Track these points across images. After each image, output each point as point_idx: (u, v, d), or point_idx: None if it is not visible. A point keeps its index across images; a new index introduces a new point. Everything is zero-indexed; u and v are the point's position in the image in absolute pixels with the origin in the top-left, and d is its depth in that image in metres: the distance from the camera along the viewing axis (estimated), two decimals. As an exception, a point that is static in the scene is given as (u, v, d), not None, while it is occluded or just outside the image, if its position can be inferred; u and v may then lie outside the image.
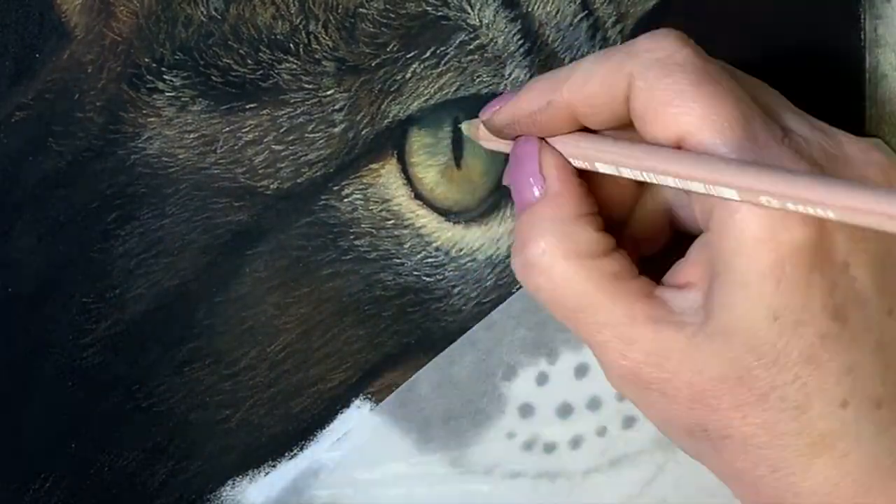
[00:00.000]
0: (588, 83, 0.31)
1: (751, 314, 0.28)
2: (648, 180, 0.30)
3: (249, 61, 0.36)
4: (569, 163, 0.32)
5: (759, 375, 0.28)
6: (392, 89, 0.37)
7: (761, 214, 0.28)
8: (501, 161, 0.37)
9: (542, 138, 0.33)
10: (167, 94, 0.36)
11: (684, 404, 0.30)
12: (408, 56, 0.37)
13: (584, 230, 0.31)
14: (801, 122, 0.30)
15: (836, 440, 0.28)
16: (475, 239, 0.38)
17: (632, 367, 0.30)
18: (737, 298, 0.28)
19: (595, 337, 0.31)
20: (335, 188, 0.37)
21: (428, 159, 0.37)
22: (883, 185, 0.29)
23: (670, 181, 0.29)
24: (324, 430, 0.38)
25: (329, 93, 0.36)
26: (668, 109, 0.29)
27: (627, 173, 0.30)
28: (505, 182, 0.35)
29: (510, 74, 0.37)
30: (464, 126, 0.36)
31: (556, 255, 0.31)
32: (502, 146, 0.35)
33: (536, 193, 0.32)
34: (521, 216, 0.32)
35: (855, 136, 0.30)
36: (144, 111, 0.36)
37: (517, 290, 0.39)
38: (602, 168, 0.31)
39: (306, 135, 0.36)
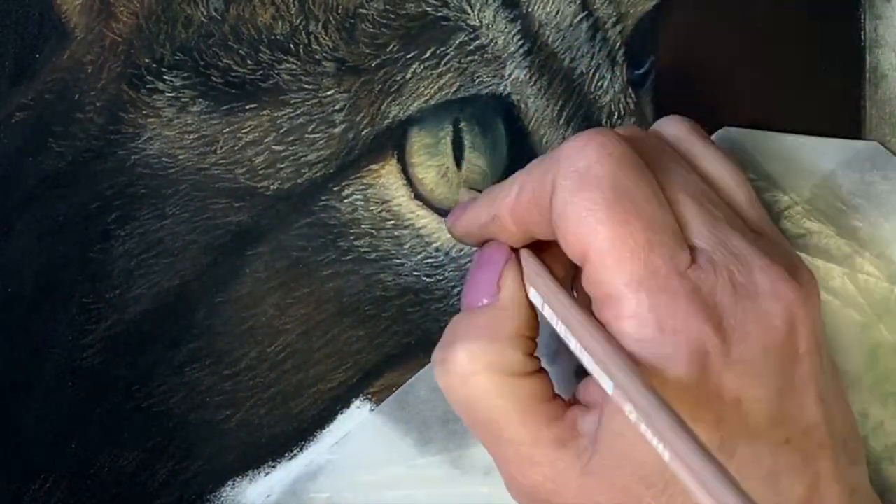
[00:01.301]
0: (521, 195, 0.31)
1: (640, 443, 0.28)
2: (559, 332, 0.30)
3: (249, 62, 0.36)
4: (522, 282, 0.32)
5: (648, 495, 0.29)
6: (392, 90, 0.37)
7: (649, 350, 0.28)
8: (501, 162, 0.37)
9: (513, 249, 0.33)
10: (167, 94, 0.36)
11: None
12: (408, 56, 0.37)
13: (514, 351, 0.31)
14: (717, 242, 0.30)
15: None
16: (475, 239, 0.38)
17: (530, 487, 0.31)
18: (625, 427, 0.28)
19: (498, 451, 0.31)
20: (335, 188, 0.37)
21: (428, 159, 0.37)
22: (783, 325, 0.29)
23: (572, 343, 0.30)
24: (324, 431, 0.38)
25: (329, 93, 0.36)
26: (577, 228, 0.29)
27: (548, 314, 0.31)
28: (454, 229, 0.35)
29: (510, 75, 0.37)
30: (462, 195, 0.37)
31: (477, 367, 0.31)
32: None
33: (485, 301, 0.32)
34: (460, 315, 0.32)
35: (772, 266, 0.30)
36: (144, 111, 0.36)
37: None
38: (532, 297, 0.32)
39: (306, 135, 0.36)
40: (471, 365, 0.31)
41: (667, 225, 0.29)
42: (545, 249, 0.33)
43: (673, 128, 0.33)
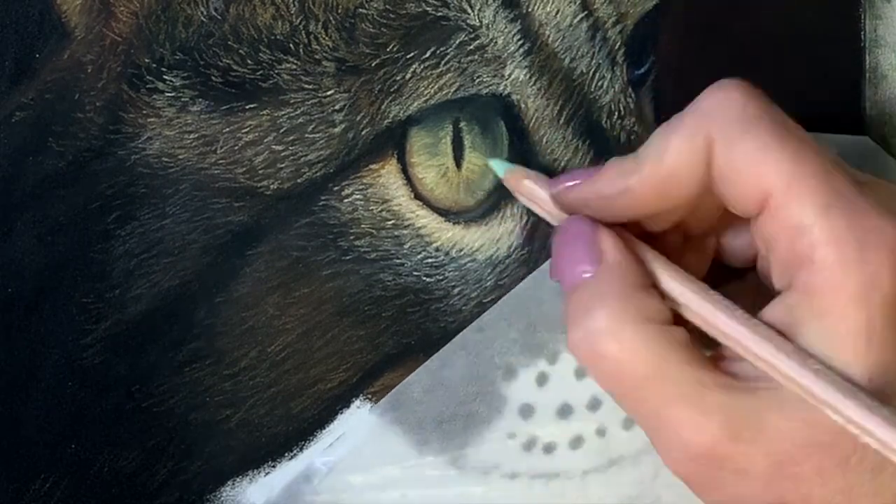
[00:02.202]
0: (665, 156, 0.30)
1: (844, 371, 0.28)
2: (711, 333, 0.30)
3: (249, 61, 0.36)
4: (625, 240, 0.31)
5: (843, 438, 0.28)
6: (392, 90, 0.37)
7: (854, 270, 0.27)
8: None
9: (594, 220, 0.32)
10: (167, 94, 0.36)
11: (761, 479, 0.28)
12: (408, 56, 0.37)
13: (651, 298, 0.30)
14: (862, 174, 0.30)
15: None
16: (475, 239, 0.38)
17: (706, 444, 0.28)
18: (828, 355, 0.28)
19: (662, 411, 0.29)
20: (335, 188, 0.37)
21: (428, 159, 0.37)
22: None
23: (740, 349, 0.29)
24: (324, 431, 0.38)
25: (329, 93, 0.36)
26: (754, 168, 0.29)
27: (690, 314, 0.30)
28: (553, 255, 0.33)
29: (510, 75, 0.37)
30: (501, 169, 0.36)
31: (625, 321, 0.29)
32: (540, 211, 0.34)
33: (589, 271, 0.31)
34: (576, 291, 0.31)
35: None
36: (144, 111, 0.36)
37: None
38: (676, 294, 0.31)
39: (306, 135, 0.36)
40: (616, 322, 0.29)
41: (826, 148, 0.29)
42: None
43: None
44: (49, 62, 0.35)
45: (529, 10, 0.37)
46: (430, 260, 0.38)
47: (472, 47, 0.37)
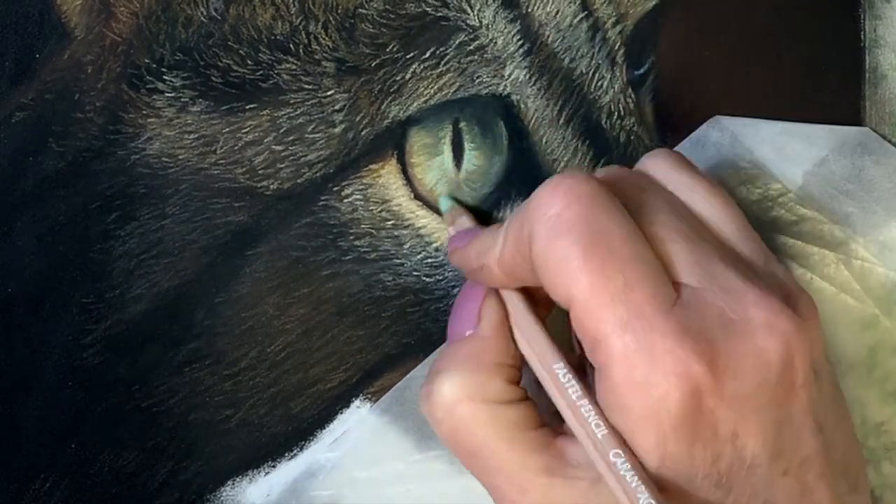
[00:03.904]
0: (504, 248, 0.31)
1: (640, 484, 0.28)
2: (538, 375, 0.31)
3: (249, 62, 0.36)
4: (506, 316, 0.33)
5: None
6: (392, 90, 0.37)
7: (641, 393, 0.28)
8: (501, 161, 0.37)
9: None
10: (167, 94, 0.36)
11: None
12: (407, 57, 0.37)
13: (496, 379, 0.31)
14: (707, 279, 0.30)
15: None
16: (475, 239, 0.38)
17: None
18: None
19: (489, 480, 0.31)
20: (335, 188, 0.37)
21: (428, 159, 0.37)
22: (778, 357, 0.29)
23: (552, 392, 0.30)
24: (324, 431, 0.38)
25: (329, 93, 0.36)
26: (556, 277, 0.29)
27: (528, 356, 0.32)
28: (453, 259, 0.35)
29: (510, 75, 0.37)
30: (445, 205, 0.37)
31: (461, 395, 0.31)
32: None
33: (467, 333, 0.32)
34: (443, 347, 0.33)
35: (766, 298, 0.29)
36: (144, 112, 0.36)
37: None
38: (517, 336, 0.32)
39: (306, 135, 0.36)
40: (453, 394, 0.31)
41: (647, 263, 0.29)
42: (536, 290, 0.33)
43: (658, 163, 0.33)
44: (49, 62, 0.35)
45: (529, 10, 0.37)
46: (429, 260, 0.38)
47: (471, 48, 0.37)
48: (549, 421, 0.31)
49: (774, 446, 0.29)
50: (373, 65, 0.36)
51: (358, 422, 0.38)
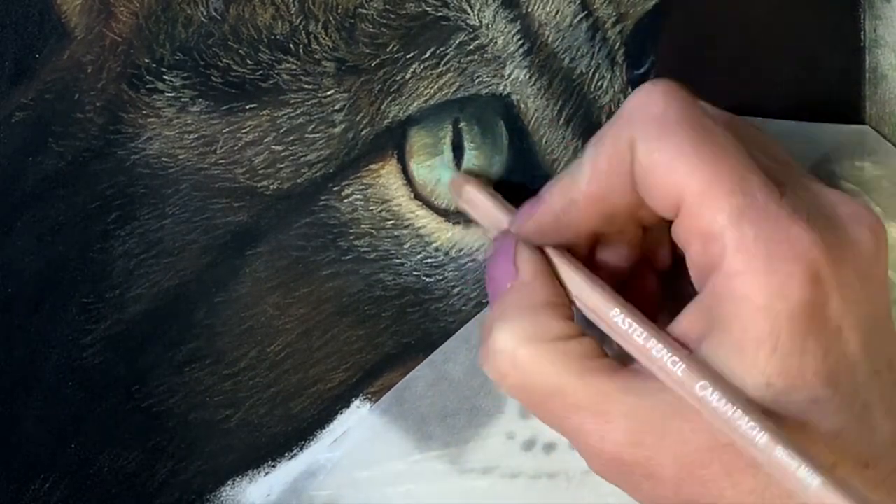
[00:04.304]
0: (596, 167, 0.30)
1: (743, 381, 0.28)
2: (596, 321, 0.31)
3: (249, 62, 0.36)
4: (542, 256, 0.32)
5: None
6: (392, 90, 0.37)
7: (760, 280, 0.27)
8: (501, 161, 0.37)
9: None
10: (167, 94, 0.36)
11: (671, 483, 0.29)
12: (407, 56, 0.37)
13: (550, 317, 0.30)
14: (793, 177, 0.30)
15: None
16: (475, 239, 0.38)
17: (612, 451, 0.29)
18: (730, 364, 0.28)
19: (569, 422, 0.30)
20: (335, 188, 0.37)
21: (428, 159, 0.37)
22: (872, 249, 0.29)
23: (617, 337, 0.30)
24: (324, 431, 0.38)
25: (329, 93, 0.36)
26: (668, 174, 0.28)
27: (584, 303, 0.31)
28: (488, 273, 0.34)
29: (510, 75, 0.37)
30: (446, 175, 0.37)
31: (520, 340, 0.30)
32: (476, 216, 0.35)
33: (507, 286, 0.32)
34: (490, 306, 0.32)
35: (845, 196, 0.30)
36: (144, 111, 0.36)
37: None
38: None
39: (306, 135, 0.36)
40: (513, 342, 0.30)
41: (748, 155, 0.29)
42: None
43: None
44: (49, 62, 0.35)
45: (529, 10, 0.37)
46: (429, 260, 0.38)
47: (471, 47, 0.37)
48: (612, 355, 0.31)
49: (870, 342, 0.28)
50: (373, 65, 0.36)
51: (358, 422, 0.38)
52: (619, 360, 0.30)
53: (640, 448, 0.29)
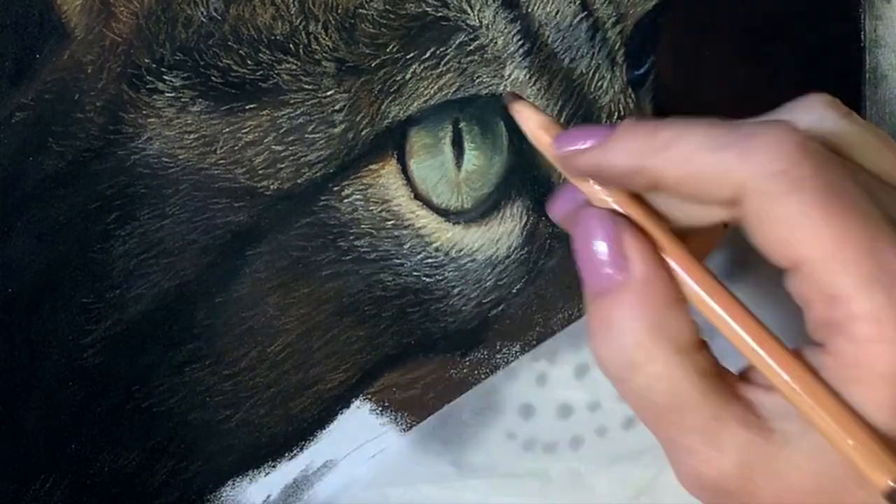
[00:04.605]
0: (688, 166, 0.28)
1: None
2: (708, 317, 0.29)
3: (249, 62, 0.36)
4: (652, 243, 0.29)
5: (854, 493, 0.27)
6: (392, 90, 0.37)
7: (885, 353, 0.27)
8: (501, 161, 0.37)
9: (617, 212, 0.30)
10: (167, 94, 0.36)
11: None
12: (408, 57, 0.37)
13: (678, 318, 0.29)
14: None
15: None
16: (475, 239, 0.38)
17: (717, 478, 0.28)
18: None
19: (679, 439, 0.29)
20: (335, 189, 0.37)
21: (428, 159, 0.37)
22: None
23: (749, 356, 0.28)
24: (324, 431, 0.38)
25: (329, 93, 0.36)
26: (791, 233, 0.27)
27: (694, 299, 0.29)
28: (554, 217, 0.32)
29: (510, 75, 0.37)
30: (510, 101, 0.32)
31: (653, 350, 0.28)
32: (546, 150, 0.32)
33: (618, 277, 0.29)
34: (602, 300, 0.29)
35: None
36: (144, 112, 0.36)
37: (517, 290, 0.39)
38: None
39: (306, 135, 0.36)
40: (645, 352, 0.28)
41: (882, 218, 0.27)
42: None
43: (815, 105, 0.31)
44: (49, 62, 0.35)
45: (529, 10, 0.37)
46: (429, 260, 0.38)
47: (472, 48, 0.37)
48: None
49: None
50: (373, 65, 0.36)
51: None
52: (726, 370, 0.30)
53: (744, 481, 0.28)
